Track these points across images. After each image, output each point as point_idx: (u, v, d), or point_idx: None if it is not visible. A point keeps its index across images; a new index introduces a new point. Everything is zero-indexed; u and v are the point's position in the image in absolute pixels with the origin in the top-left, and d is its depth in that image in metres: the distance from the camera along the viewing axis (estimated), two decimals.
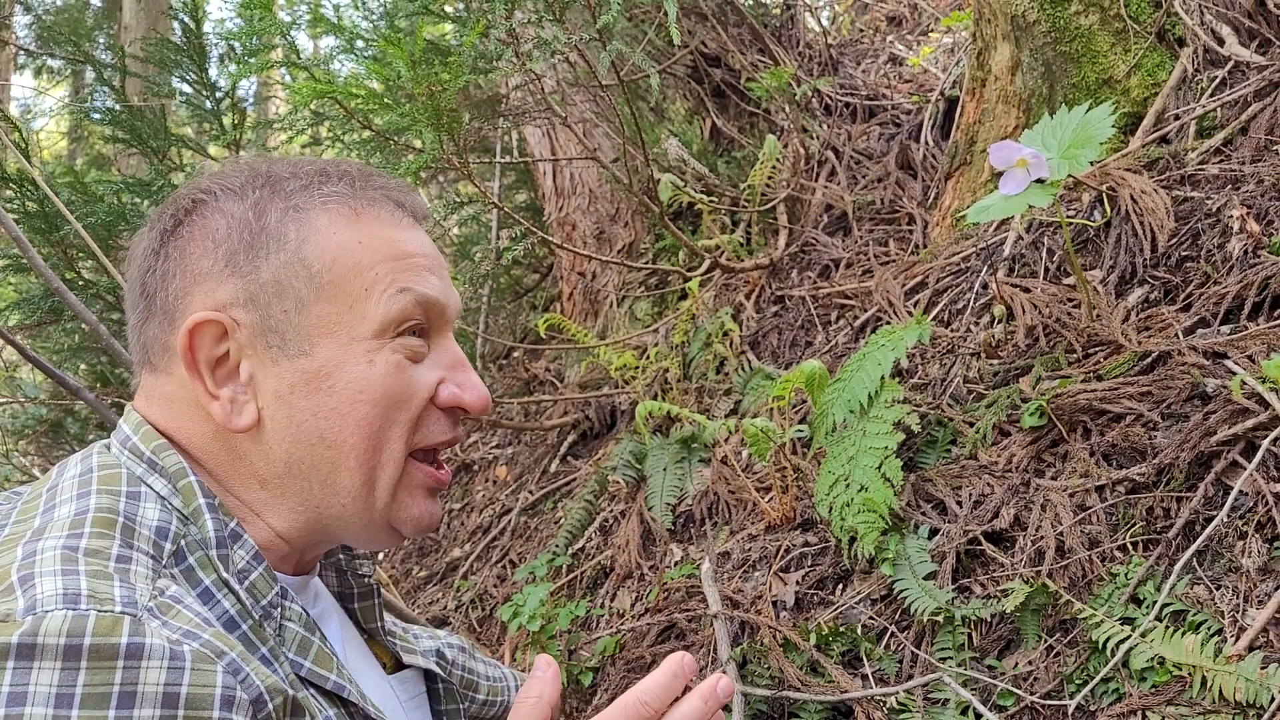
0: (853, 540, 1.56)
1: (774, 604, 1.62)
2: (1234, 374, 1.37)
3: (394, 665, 1.00)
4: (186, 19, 3.34)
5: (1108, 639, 1.22)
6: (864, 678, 1.42)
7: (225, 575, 0.75)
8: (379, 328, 0.82)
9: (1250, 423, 1.30)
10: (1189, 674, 1.14)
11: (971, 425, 1.66)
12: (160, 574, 0.70)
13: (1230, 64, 1.96)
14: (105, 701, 0.59)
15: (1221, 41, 2.00)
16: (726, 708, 1.49)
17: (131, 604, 0.64)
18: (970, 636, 1.38)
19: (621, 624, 1.86)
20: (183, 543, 0.74)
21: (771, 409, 1.92)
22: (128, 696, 0.60)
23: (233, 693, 0.64)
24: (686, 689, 0.77)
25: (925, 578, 1.45)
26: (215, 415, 0.80)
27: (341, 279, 0.82)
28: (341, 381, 0.81)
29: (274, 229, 0.82)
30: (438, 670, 1.04)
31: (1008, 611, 1.32)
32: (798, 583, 1.64)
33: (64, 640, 0.60)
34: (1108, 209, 1.83)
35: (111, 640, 0.61)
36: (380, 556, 3.08)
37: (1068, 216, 1.89)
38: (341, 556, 0.98)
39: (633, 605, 1.93)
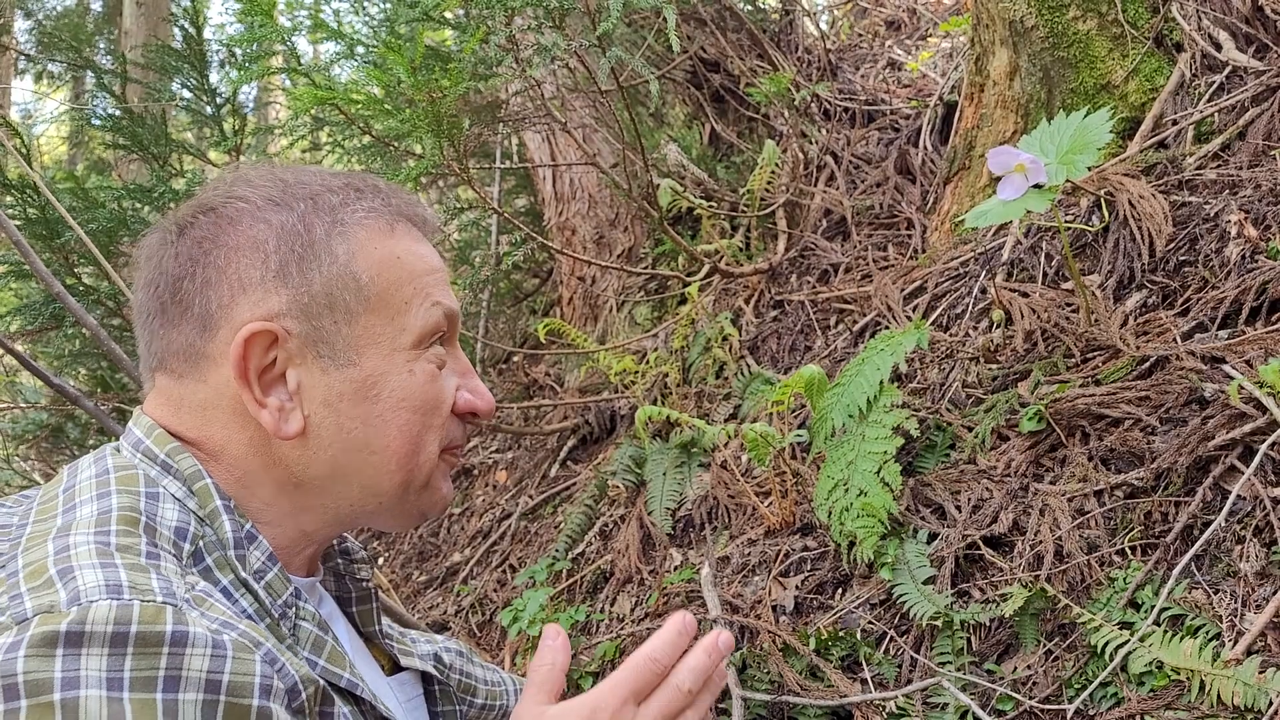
0: (852, 545, 1.56)
1: (773, 608, 1.62)
2: (1232, 379, 1.38)
3: (391, 668, 1.01)
4: (187, 25, 3.35)
5: (1106, 643, 1.22)
6: (863, 682, 1.42)
7: (243, 575, 0.77)
8: (417, 339, 0.87)
9: (1248, 427, 1.31)
10: (1187, 678, 1.14)
11: (970, 430, 1.66)
12: (186, 572, 0.72)
13: (1228, 69, 1.97)
14: (152, 685, 0.61)
15: (1219, 47, 2.00)
16: (727, 710, 1.49)
17: (171, 595, 0.66)
18: (969, 641, 1.38)
19: (621, 629, 1.87)
20: (200, 544, 0.75)
21: (771, 414, 1.92)
22: (173, 680, 0.62)
23: (270, 681, 0.66)
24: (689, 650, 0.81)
25: (924, 582, 1.45)
26: (264, 423, 0.82)
27: (386, 292, 0.86)
28: (386, 390, 0.85)
29: (323, 242, 0.85)
30: (434, 672, 1.05)
31: (1007, 616, 1.33)
32: (797, 587, 1.64)
33: (111, 628, 0.62)
34: (1106, 214, 1.84)
35: (157, 628, 0.63)
36: (380, 561, 3.08)
37: (1066, 221, 1.90)
38: (340, 561, 0.99)
39: (633, 610, 1.93)
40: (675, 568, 1.93)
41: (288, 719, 0.66)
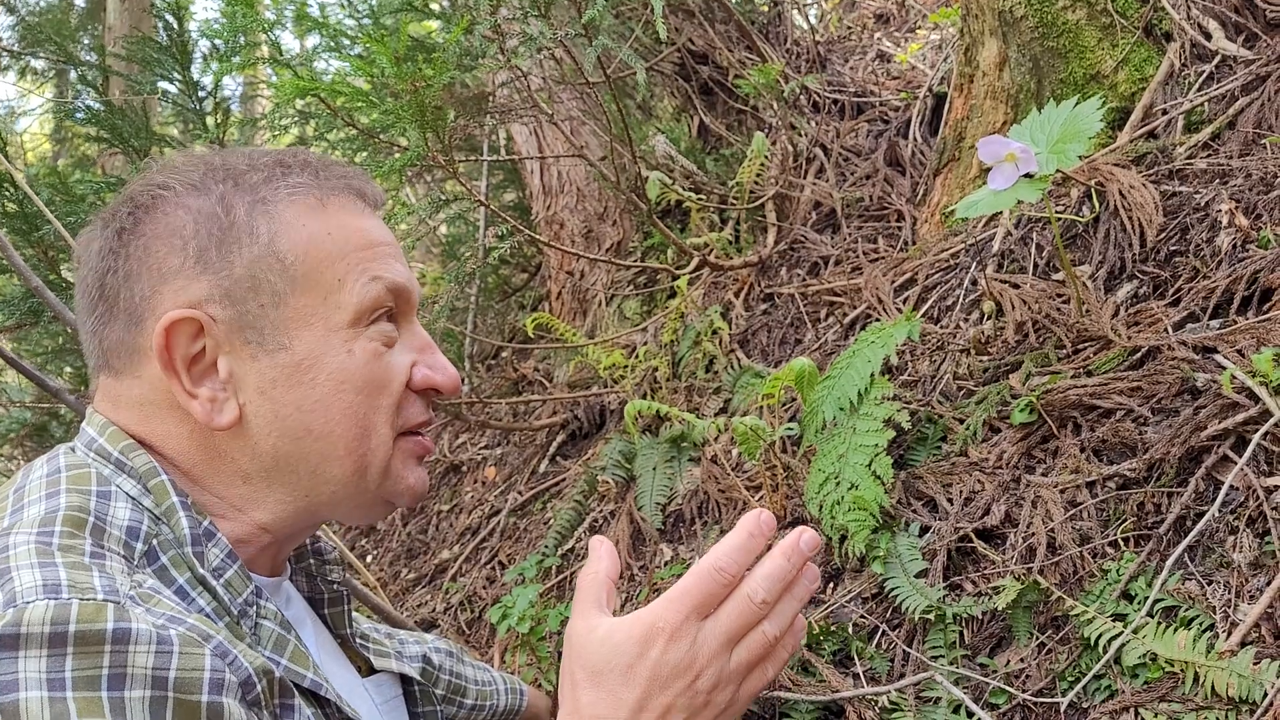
0: (843, 538, 1.55)
1: None
2: (1224, 368, 1.37)
3: (367, 669, 0.99)
4: (170, 18, 3.31)
5: (1099, 635, 1.21)
6: (855, 677, 1.41)
7: (201, 572, 0.74)
8: (354, 316, 0.83)
9: (1240, 417, 1.30)
10: (1181, 670, 1.14)
11: (961, 422, 1.65)
12: (134, 571, 0.69)
13: (1217, 58, 1.96)
14: (96, 684, 0.59)
15: (1209, 36, 2.00)
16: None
17: (113, 592, 0.63)
18: (962, 634, 1.37)
19: None
20: (155, 542, 0.73)
21: (761, 407, 1.91)
22: (118, 678, 0.59)
23: (221, 675, 0.63)
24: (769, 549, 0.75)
25: (916, 576, 1.44)
26: (196, 414, 0.79)
27: (314, 270, 0.82)
28: (323, 373, 0.81)
29: (244, 223, 0.81)
30: (413, 674, 1.03)
31: (999, 609, 1.32)
32: None
33: (48, 629, 0.59)
34: (1096, 204, 1.83)
35: (96, 626, 0.60)
36: (368, 558, 3.06)
37: (1056, 212, 1.89)
38: (312, 562, 0.98)
39: (623, 606, 1.92)
40: (666, 563, 1.92)
41: (241, 713, 0.64)
